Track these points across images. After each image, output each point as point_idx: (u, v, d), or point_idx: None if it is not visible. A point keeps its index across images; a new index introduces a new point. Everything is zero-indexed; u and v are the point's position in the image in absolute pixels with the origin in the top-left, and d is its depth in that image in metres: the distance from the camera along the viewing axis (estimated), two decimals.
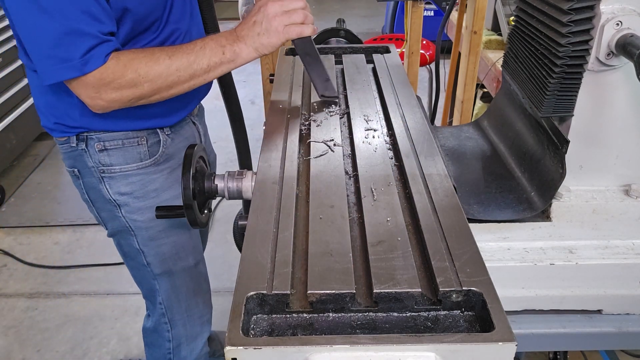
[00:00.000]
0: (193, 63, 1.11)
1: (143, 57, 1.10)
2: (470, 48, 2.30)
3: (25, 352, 2.33)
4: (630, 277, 1.07)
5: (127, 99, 1.11)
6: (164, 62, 1.10)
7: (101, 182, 1.30)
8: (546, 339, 1.09)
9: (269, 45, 1.13)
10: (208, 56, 1.12)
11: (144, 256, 1.41)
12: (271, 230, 0.80)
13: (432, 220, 0.81)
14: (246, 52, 1.13)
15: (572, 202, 1.10)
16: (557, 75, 1.01)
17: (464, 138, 1.43)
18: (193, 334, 1.57)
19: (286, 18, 1.11)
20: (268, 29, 1.11)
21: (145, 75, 1.09)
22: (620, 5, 0.95)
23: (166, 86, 1.12)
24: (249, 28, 1.13)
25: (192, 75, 1.13)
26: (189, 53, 1.12)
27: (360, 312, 0.68)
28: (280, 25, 1.11)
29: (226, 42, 1.13)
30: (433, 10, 4.47)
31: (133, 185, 1.31)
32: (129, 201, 1.32)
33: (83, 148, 1.26)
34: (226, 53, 1.13)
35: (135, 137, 1.28)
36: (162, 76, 1.10)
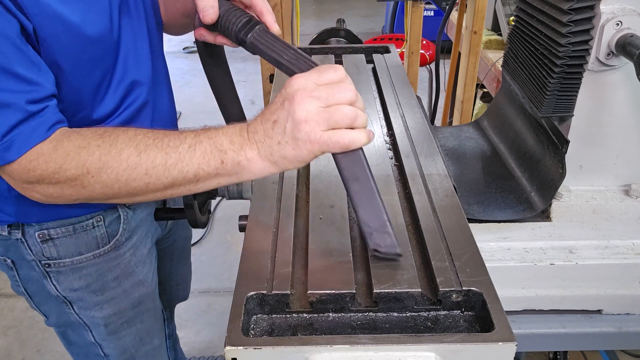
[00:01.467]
0: (173, 167, 0.75)
1: (97, 147, 0.76)
2: (470, 48, 2.30)
3: (25, 352, 2.33)
4: (630, 277, 1.07)
5: (71, 198, 0.81)
6: (129, 159, 0.75)
7: (45, 277, 1.03)
8: (546, 339, 1.09)
9: (295, 160, 0.71)
10: (197, 161, 0.74)
11: (101, 349, 1.17)
12: (271, 230, 0.80)
13: (432, 220, 0.81)
14: (259, 167, 0.73)
15: (572, 202, 1.10)
16: (557, 75, 1.01)
17: (464, 138, 1.43)
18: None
19: (326, 118, 0.69)
20: (295, 137, 0.69)
21: (97, 174, 0.76)
22: (620, 5, 0.96)
23: (126, 192, 0.78)
24: (265, 130, 0.72)
25: (170, 185, 0.77)
26: (168, 152, 0.75)
27: (360, 312, 0.68)
28: (315, 132, 0.68)
29: (230, 145, 0.73)
30: (433, 10, 4.47)
31: (88, 278, 1.05)
32: (83, 296, 1.07)
33: (18, 238, 0.98)
34: (227, 163, 0.74)
35: (90, 219, 1.01)
36: (121, 180, 0.76)
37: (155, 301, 1.22)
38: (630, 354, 1.40)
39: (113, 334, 1.15)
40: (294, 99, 0.69)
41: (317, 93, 0.69)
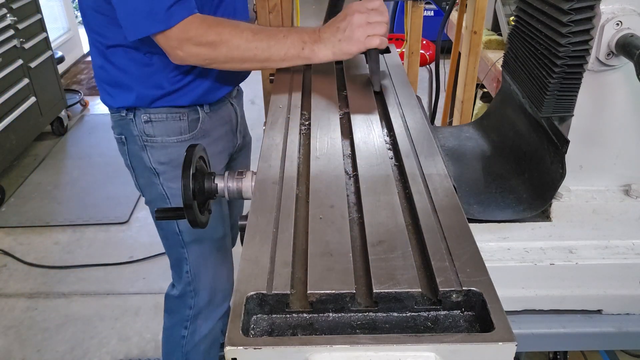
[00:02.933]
0: (272, 47, 1.18)
1: (228, 25, 1.18)
2: (470, 48, 2.30)
3: (25, 352, 2.33)
4: (630, 277, 1.07)
5: (203, 58, 1.20)
6: (247, 36, 1.17)
7: (144, 150, 1.41)
8: (546, 339, 1.09)
9: (348, 52, 1.18)
10: (288, 46, 1.18)
11: (177, 224, 1.48)
12: (271, 230, 0.80)
13: (432, 220, 0.81)
14: (324, 54, 1.19)
15: (572, 202, 1.10)
16: (557, 75, 1.01)
17: (464, 138, 1.43)
18: (213, 306, 1.63)
19: (369, 29, 1.15)
20: (350, 37, 1.16)
21: (226, 41, 1.17)
22: (620, 5, 0.96)
23: (240, 59, 1.19)
24: (332, 32, 1.17)
25: (267, 59, 1.20)
26: (271, 37, 1.18)
27: (360, 312, 0.68)
28: (363, 36, 1.15)
29: (308, 39, 1.18)
30: (433, 10, 4.47)
31: (171, 155, 1.41)
32: (167, 170, 1.42)
33: (131, 118, 1.38)
34: (305, 49, 1.18)
35: (177, 113, 1.38)
36: (240, 48, 1.18)
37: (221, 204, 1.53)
38: (630, 354, 1.40)
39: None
40: (353, 14, 1.15)
41: (367, 13, 1.15)
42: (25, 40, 3.65)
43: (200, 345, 1.66)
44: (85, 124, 4.45)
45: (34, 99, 3.73)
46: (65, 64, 5.04)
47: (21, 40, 3.59)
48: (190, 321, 1.63)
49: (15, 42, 3.54)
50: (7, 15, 3.46)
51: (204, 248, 1.54)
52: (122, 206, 3.25)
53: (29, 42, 3.68)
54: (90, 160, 3.85)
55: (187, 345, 1.65)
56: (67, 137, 4.22)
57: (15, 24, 3.54)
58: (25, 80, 3.64)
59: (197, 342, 1.65)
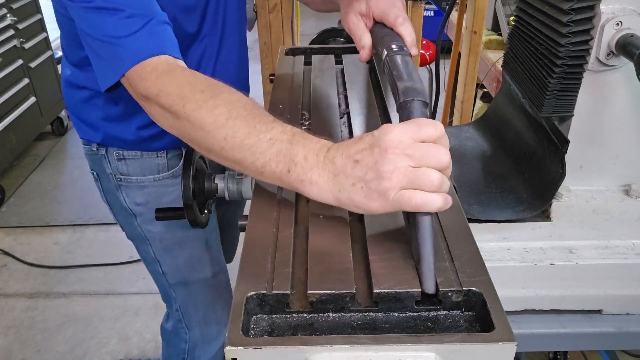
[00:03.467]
0: (247, 148, 0.77)
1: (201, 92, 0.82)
2: (470, 48, 2.30)
3: (25, 352, 2.33)
4: (630, 277, 1.07)
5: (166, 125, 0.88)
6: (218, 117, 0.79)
7: (118, 189, 1.29)
8: (546, 339, 1.09)
9: (361, 207, 0.70)
10: (269, 157, 0.75)
11: (160, 265, 1.41)
12: (271, 230, 0.80)
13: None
14: (319, 193, 0.73)
15: (572, 202, 1.10)
16: (557, 75, 1.01)
17: (464, 138, 1.43)
18: (209, 337, 1.56)
19: (411, 180, 0.65)
20: (371, 187, 0.67)
21: (190, 113, 0.81)
22: (620, 5, 0.95)
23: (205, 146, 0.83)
24: (344, 166, 0.69)
25: (239, 161, 0.79)
26: (251, 132, 0.77)
27: (360, 312, 0.68)
28: (394, 189, 0.66)
29: (302, 161, 0.73)
30: (433, 10, 4.47)
31: (148, 196, 1.29)
32: (143, 211, 1.31)
33: (103, 154, 1.26)
34: (292, 174, 0.74)
35: (155, 150, 1.25)
36: (205, 130, 0.80)
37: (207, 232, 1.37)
38: (630, 354, 1.40)
39: (167, 251, 1.36)
40: (387, 151, 0.65)
41: (412, 151, 0.64)
42: (25, 40, 3.65)
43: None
44: None
45: (34, 99, 3.73)
46: None
47: (21, 40, 3.59)
48: (188, 354, 1.57)
49: (15, 42, 3.54)
50: (7, 15, 3.46)
51: (191, 289, 1.45)
52: None
53: (29, 42, 3.68)
54: None
55: None
56: (67, 137, 4.22)
57: (15, 24, 3.54)
58: (25, 80, 3.64)
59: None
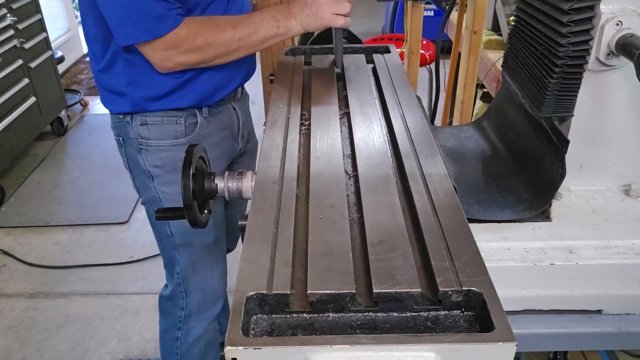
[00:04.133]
0: (252, 34, 1.26)
1: (211, 27, 1.24)
2: (470, 48, 2.30)
3: (25, 352, 2.33)
4: (630, 277, 1.07)
5: (192, 63, 1.27)
6: (229, 32, 1.25)
7: (139, 153, 1.42)
8: (546, 339, 1.09)
9: (314, 27, 1.29)
10: (265, 29, 1.27)
11: (169, 227, 1.49)
12: (271, 230, 0.80)
13: (432, 220, 0.81)
14: (295, 28, 1.29)
15: (572, 202, 1.10)
16: (557, 75, 1.01)
17: (464, 138, 1.43)
18: (205, 307, 1.64)
19: (334, 7, 1.25)
20: (316, 13, 1.25)
21: (212, 43, 1.24)
22: (620, 5, 0.96)
23: (227, 53, 1.27)
24: (300, 8, 1.27)
25: (251, 45, 1.28)
26: (249, 25, 1.26)
27: (360, 312, 0.68)
28: (328, 13, 1.25)
29: (280, 16, 1.27)
30: (433, 10, 4.47)
31: (165, 160, 1.42)
32: (160, 173, 1.44)
33: (128, 121, 1.39)
34: (280, 27, 1.27)
35: (174, 117, 1.39)
36: (225, 44, 1.25)
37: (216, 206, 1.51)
38: (630, 354, 1.40)
39: None
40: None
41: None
42: (25, 40, 3.65)
43: (193, 347, 1.67)
44: (85, 124, 4.45)
45: (34, 99, 3.73)
46: (65, 64, 5.04)
47: (21, 40, 3.59)
48: (183, 322, 1.64)
49: (15, 42, 3.53)
50: (7, 15, 3.46)
51: (194, 251, 1.55)
52: (122, 206, 3.25)
53: (29, 42, 3.68)
54: (90, 160, 3.85)
55: (181, 347, 1.67)
56: (67, 137, 4.22)
57: (15, 24, 3.54)
58: (25, 80, 3.64)
59: (190, 344, 1.66)
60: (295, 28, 1.28)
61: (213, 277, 1.63)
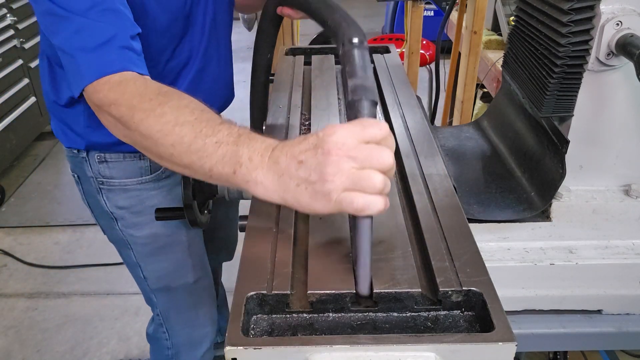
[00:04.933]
0: (194, 153, 0.77)
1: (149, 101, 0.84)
2: (470, 48, 2.30)
3: (25, 352, 2.33)
4: (630, 277, 1.07)
5: (121, 135, 0.89)
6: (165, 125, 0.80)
7: (99, 192, 1.26)
8: (546, 339, 1.09)
9: (306, 207, 0.68)
10: (216, 159, 0.75)
11: (141, 270, 1.38)
12: (271, 230, 0.80)
13: (432, 220, 0.81)
14: (265, 193, 0.72)
15: (572, 202, 1.10)
16: (557, 75, 1.01)
17: (464, 138, 1.43)
18: (193, 342, 1.54)
19: (353, 182, 0.64)
20: (315, 189, 0.65)
21: (139, 123, 0.83)
22: (620, 5, 0.96)
23: (156, 153, 0.84)
24: (288, 167, 0.68)
25: (188, 165, 0.80)
26: (197, 137, 0.77)
27: (360, 312, 0.68)
28: (337, 190, 0.64)
29: (247, 161, 0.72)
30: (433, 10, 4.47)
31: (131, 200, 1.26)
32: (125, 215, 1.28)
33: (84, 157, 1.23)
34: (237, 175, 0.73)
35: (137, 152, 1.12)
36: (153, 138, 0.81)
37: (190, 237, 1.36)
38: (630, 354, 1.40)
39: (149, 256, 1.34)
40: (330, 153, 0.63)
41: (355, 153, 0.63)
42: (25, 40, 3.65)
43: None
44: None
45: (34, 99, 3.73)
46: None
47: (21, 40, 3.59)
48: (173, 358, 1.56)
49: (15, 42, 3.53)
50: (7, 15, 3.46)
51: (173, 295, 1.43)
52: None
53: (29, 42, 3.68)
54: None
55: None
56: None
57: (15, 24, 3.54)
58: (25, 80, 3.64)
59: None
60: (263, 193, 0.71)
61: (198, 314, 1.50)
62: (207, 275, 1.49)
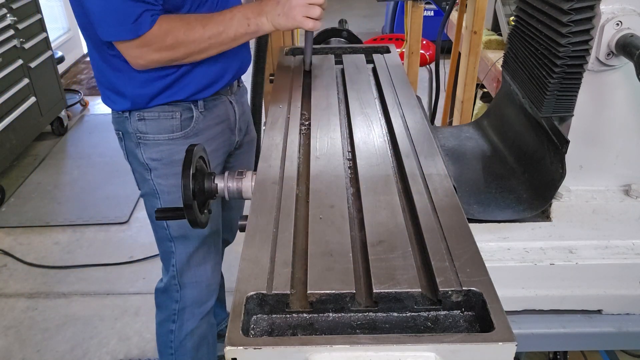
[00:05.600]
0: (222, 33, 1.27)
1: (181, 26, 1.25)
2: (470, 48, 2.30)
3: (25, 352, 2.33)
4: (630, 277, 1.07)
5: (164, 60, 1.29)
6: (199, 31, 1.26)
7: (137, 147, 1.45)
8: (546, 339, 1.09)
9: (285, 26, 1.28)
10: (235, 27, 1.27)
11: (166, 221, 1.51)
12: (271, 230, 0.80)
13: (432, 220, 0.81)
14: (267, 27, 1.29)
15: (572, 202, 1.10)
16: (557, 75, 1.01)
17: (464, 138, 1.43)
18: (199, 300, 1.65)
19: (305, 10, 1.24)
20: (287, 14, 1.25)
21: (183, 41, 1.26)
22: (620, 5, 0.96)
23: (198, 51, 1.29)
24: (272, 6, 1.26)
25: (221, 43, 1.29)
26: (219, 23, 1.27)
27: (360, 312, 0.68)
28: (299, 15, 1.24)
29: (251, 14, 1.27)
30: (433, 10, 4.47)
31: (162, 153, 1.45)
32: (157, 166, 1.47)
33: (127, 116, 1.43)
34: (251, 25, 1.28)
35: (170, 112, 1.42)
36: (196, 42, 1.27)
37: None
38: (630, 354, 1.40)
39: (174, 204, 1.46)
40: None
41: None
42: (25, 40, 3.64)
43: (187, 341, 1.69)
44: (85, 124, 4.45)
45: (34, 99, 3.72)
46: (65, 64, 5.04)
47: (21, 40, 3.59)
48: (177, 315, 1.66)
49: (15, 42, 3.53)
50: (7, 15, 3.46)
51: (190, 244, 1.57)
52: (122, 206, 3.24)
53: (29, 42, 3.68)
54: (90, 160, 3.85)
55: (175, 341, 1.69)
56: (67, 137, 4.22)
57: (15, 24, 3.54)
58: (25, 80, 3.63)
59: (183, 337, 1.68)
60: (267, 26, 1.28)
61: (207, 269, 1.64)
62: (219, 231, 1.66)
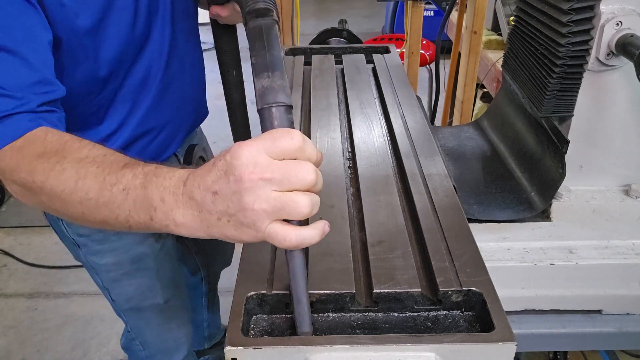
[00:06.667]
0: (104, 207, 0.67)
1: (48, 160, 0.71)
2: (470, 48, 2.30)
3: (25, 352, 2.33)
4: (630, 277, 1.07)
5: (30, 202, 0.77)
6: (67, 183, 0.69)
7: (59, 219, 1.18)
8: (546, 339, 1.09)
9: (236, 239, 0.61)
10: (129, 208, 0.65)
11: (109, 293, 1.34)
12: None
13: (432, 220, 0.81)
14: (189, 232, 0.63)
15: (572, 202, 1.10)
16: (557, 75, 1.01)
17: (464, 138, 1.43)
18: (168, 351, 1.52)
19: (277, 209, 0.56)
20: (239, 221, 0.58)
21: (41, 186, 0.71)
22: (620, 5, 0.96)
23: (69, 215, 0.73)
24: (204, 200, 0.59)
25: (103, 222, 0.69)
26: (103, 187, 0.66)
27: (360, 312, 0.68)
28: (263, 221, 0.57)
29: (160, 204, 0.62)
30: (433, 10, 4.47)
31: (91, 228, 1.13)
32: (87, 243, 1.21)
33: None
34: (155, 221, 0.63)
35: None
36: (60, 198, 0.70)
37: (158, 261, 1.32)
38: (630, 354, 1.40)
39: (115, 282, 1.29)
40: (242, 179, 0.55)
41: (270, 174, 0.55)
42: None
43: None
44: None
45: None
46: None
47: None
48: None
49: None
50: None
51: (143, 314, 1.40)
52: None
53: None
54: None
55: None
56: None
57: None
58: None
59: None
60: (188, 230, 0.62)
61: (171, 328, 1.46)
62: (179, 295, 1.43)
